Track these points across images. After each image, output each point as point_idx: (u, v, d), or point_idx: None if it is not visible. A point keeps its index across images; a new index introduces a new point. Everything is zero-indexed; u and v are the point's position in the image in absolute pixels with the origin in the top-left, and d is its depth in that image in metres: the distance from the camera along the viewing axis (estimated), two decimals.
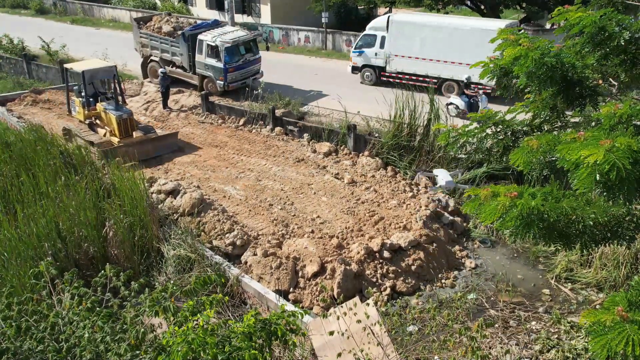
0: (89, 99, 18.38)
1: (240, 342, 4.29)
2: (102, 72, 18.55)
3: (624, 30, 5.91)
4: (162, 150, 17.98)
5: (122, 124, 17.38)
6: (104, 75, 18.75)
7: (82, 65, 19.03)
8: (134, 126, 17.83)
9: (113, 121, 17.42)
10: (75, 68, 18.66)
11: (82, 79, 17.96)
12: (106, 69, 18.49)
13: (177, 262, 11.23)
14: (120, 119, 17.33)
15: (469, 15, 37.06)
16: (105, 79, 19.10)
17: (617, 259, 10.93)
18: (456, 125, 7.01)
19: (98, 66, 18.62)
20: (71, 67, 19.02)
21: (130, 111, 18.15)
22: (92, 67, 18.40)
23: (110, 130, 17.79)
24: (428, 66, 22.25)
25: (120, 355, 4.71)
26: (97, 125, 18.46)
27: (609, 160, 4.09)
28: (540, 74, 6.06)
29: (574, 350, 8.88)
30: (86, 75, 17.92)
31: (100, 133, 18.14)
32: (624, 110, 4.94)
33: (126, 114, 17.64)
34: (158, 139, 18.08)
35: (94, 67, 18.46)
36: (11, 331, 5.10)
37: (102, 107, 17.97)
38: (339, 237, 12.51)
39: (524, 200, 4.65)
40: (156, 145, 17.96)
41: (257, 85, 22.12)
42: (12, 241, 10.28)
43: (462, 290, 11.42)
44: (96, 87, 18.89)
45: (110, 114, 17.55)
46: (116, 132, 17.43)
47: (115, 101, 18.11)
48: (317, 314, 10.03)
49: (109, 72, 18.45)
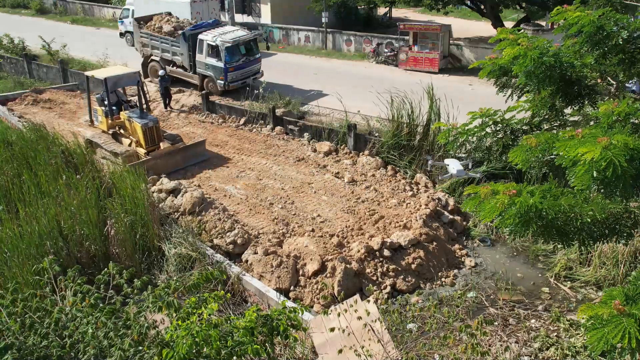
0: (112, 107, 17.22)
1: (242, 337, 4.34)
2: (126, 79, 17.33)
3: (622, 29, 5.97)
4: (191, 161, 16.89)
5: (148, 133, 16.35)
6: (127, 82, 17.61)
7: (104, 72, 17.93)
8: (160, 135, 16.84)
9: (138, 130, 16.38)
10: (97, 75, 17.44)
11: (104, 87, 16.70)
12: (130, 75, 17.31)
13: (178, 260, 11.30)
14: (146, 127, 16.30)
15: (469, 15, 37.15)
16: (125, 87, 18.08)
17: (616, 257, 10.99)
18: (456, 124, 7.07)
19: (121, 72, 17.41)
20: (93, 74, 17.79)
21: (156, 119, 17.11)
22: (114, 73, 17.16)
23: (135, 140, 16.78)
24: None
25: (124, 350, 4.76)
26: (122, 135, 17.42)
27: (606, 157, 4.15)
28: (539, 73, 6.13)
29: (573, 347, 8.94)
30: (109, 83, 16.60)
31: (124, 143, 17.10)
32: (621, 109, 5.00)
33: (152, 122, 16.59)
34: (186, 149, 17.01)
35: (117, 73, 17.21)
36: (16, 327, 5.16)
37: (126, 116, 16.90)
38: (339, 236, 12.56)
39: (522, 198, 4.71)
40: (185, 155, 16.87)
41: (258, 84, 22.17)
42: (14, 239, 10.33)
43: (461, 288, 11.48)
44: (119, 94, 17.88)
45: (135, 123, 16.50)
46: (142, 142, 16.42)
47: (140, 109, 17.00)
48: (317, 311, 10.08)
49: (132, 78, 17.29)
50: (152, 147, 16.53)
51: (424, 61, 26.03)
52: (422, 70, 25.55)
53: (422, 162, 15.64)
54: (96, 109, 17.69)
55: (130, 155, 16.08)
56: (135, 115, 16.76)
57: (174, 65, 24.00)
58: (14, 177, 12.88)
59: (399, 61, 26.94)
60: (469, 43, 27.42)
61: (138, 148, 16.60)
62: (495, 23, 28.77)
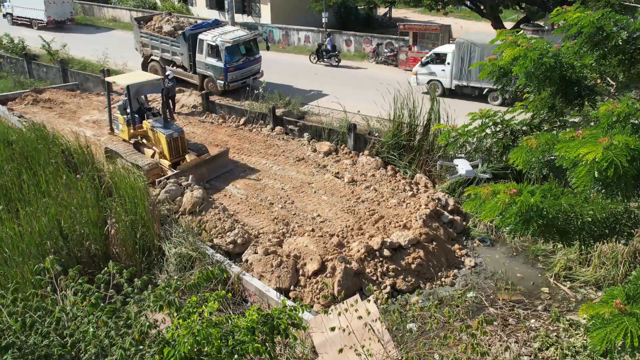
0: (135, 115, 16.30)
1: (243, 336, 4.36)
2: (149, 86, 16.33)
3: (622, 30, 5.98)
4: (216, 172, 16.05)
5: (173, 144, 15.47)
6: (151, 89, 16.68)
7: (126, 78, 16.88)
8: (185, 146, 15.97)
9: (163, 141, 15.47)
10: (119, 81, 16.60)
11: (127, 94, 15.85)
12: (153, 82, 16.31)
13: (178, 260, 11.30)
14: (171, 138, 15.40)
15: (469, 15, 37.17)
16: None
17: (616, 257, 11.01)
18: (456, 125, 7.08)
19: (144, 79, 16.40)
20: (114, 80, 16.89)
21: (181, 129, 16.12)
22: (137, 80, 16.11)
23: (159, 151, 15.89)
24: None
25: (125, 349, 4.77)
26: (144, 144, 16.53)
27: (607, 158, 4.16)
28: (539, 74, 6.14)
29: (573, 347, 8.96)
30: (132, 90, 15.60)
31: (147, 154, 16.24)
32: (621, 109, 5.01)
33: (177, 132, 15.65)
34: (212, 160, 16.13)
35: (140, 80, 16.18)
36: (17, 326, 5.16)
37: (149, 125, 15.94)
38: (339, 236, 12.58)
39: (523, 197, 4.72)
40: (210, 166, 15.99)
41: (258, 84, 22.19)
42: (15, 239, 10.34)
43: (461, 288, 11.49)
44: (141, 102, 16.91)
45: (159, 133, 15.57)
46: (166, 153, 15.53)
47: (164, 118, 16.25)
48: (317, 311, 10.10)
49: (156, 86, 16.36)
50: (177, 159, 15.69)
51: None
52: None
53: (431, 164, 15.58)
54: (117, 117, 16.78)
55: (154, 168, 15.34)
56: (158, 124, 15.90)
57: (173, 65, 24.02)
58: (14, 177, 12.89)
59: (398, 61, 26.97)
60: None
61: (162, 159, 15.76)
62: (495, 23, 28.80)
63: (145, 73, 18.25)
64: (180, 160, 15.79)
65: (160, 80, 16.29)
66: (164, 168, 15.51)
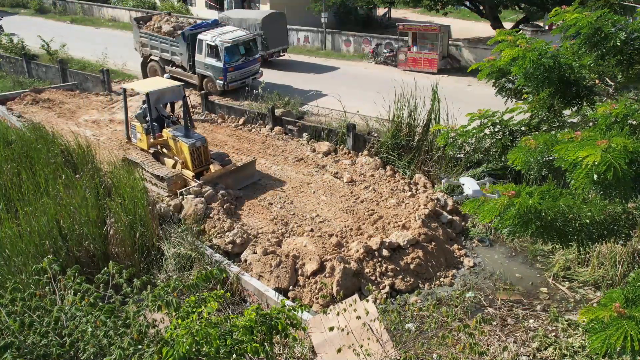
0: (154, 124, 15.52)
1: (241, 336, 4.37)
2: (169, 94, 15.52)
3: (620, 31, 5.99)
4: (242, 183, 15.30)
5: (196, 154, 14.78)
6: (171, 97, 15.85)
7: (145, 85, 16.09)
8: (208, 155, 15.28)
9: (185, 151, 14.76)
10: (137, 88, 16.00)
11: (147, 102, 15.10)
12: (173, 89, 15.45)
13: (177, 260, 11.31)
14: (194, 147, 14.69)
15: (468, 15, 37.20)
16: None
17: (615, 257, 11.01)
18: (454, 125, 7.09)
19: (164, 86, 15.46)
20: (132, 87, 16.34)
21: (204, 137, 15.30)
22: (157, 87, 15.28)
23: (181, 161, 15.19)
24: None
25: (124, 349, 4.78)
26: (164, 154, 15.79)
27: (606, 161, 4.17)
28: (537, 75, 6.15)
29: (571, 347, 8.97)
30: (152, 98, 14.89)
31: (167, 164, 15.51)
32: (619, 110, 5.02)
33: (200, 141, 14.90)
34: (238, 170, 15.40)
35: (160, 87, 15.31)
36: (15, 326, 5.18)
37: (171, 134, 15.19)
38: (338, 236, 12.58)
39: (521, 199, 4.73)
40: (237, 177, 15.26)
41: (257, 84, 22.19)
42: (14, 239, 10.34)
43: (460, 288, 11.50)
44: (159, 109, 16.11)
45: (181, 142, 14.86)
46: (189, 163, 14.81)
47: (185, 126, 15.50)
48: (316, 311, 10.10)
49: (177, 93, 15.57)
50: (200, 169, 15.04)
51: (423, 62, 26.07)
52: (421, 71, 25.57)
53: (430, 164, 15.61)
54: (134, 125, 16.01)
55: (177, 179, 14.71)
56: (180, 133, 15.18)
57: (173, 65, 24.02)
58: (13, 177, 12.88)
59: (398, 62, 26.98)
60: (468, 44, 27.46)
61: (184, 170, 15.06)
62: (494, 24, 28.82)
63: (165, 79, 17.32)
64: (203, 170, 15.15)
65: (181, 87, 15.55)
66: (186, 179, 14.92)
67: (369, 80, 24.19)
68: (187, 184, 14.74)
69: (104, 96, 24.09)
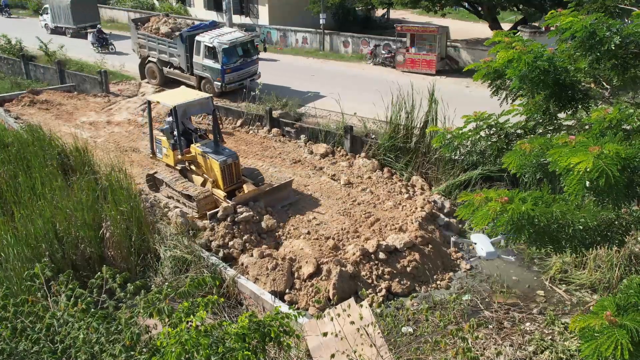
0: (181, 139, 14.55)
1: (233, 344, 4.34)
2: (198, 106, 14.64)
3: (615, 34, 5.96)
4: (277, 204, 14.11)
5: (227, 171, 13.84)
6: (199, 109, 15.11)
7: (171, 97, 14.90)
8: (239, 172, 14.30)
9: (216, 168, 13.81)
10: (163, 101, 14.87)
11: (173, 116, 14.07)
12: (202, 102, 14.49)
13: (173, 263, 11.26)
14: (225, 165, 13.73)
15: (466, 16, 37.20)
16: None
17: (611, 260, 10.99)
18: (451, 127, 7.08)
19: (191, 98, 14.49)
20: (157, 99, 15.27)
21: (235, 154, 14.30)
22: (184, 100, 14.21)
23: (211, 179, 14.21)
24: None
25: (115, 356, 4.76)
26: (192, 171, 14.78)
27: (598, 167, 4.15)
28: (532, 77, 6.13)
29: (568, 351, 8.94)
30: (179, 111, 13.94)
31: (196, 181, 14.52)
32: (613, 115, 5.00)
33: (231, 157, 13.92)
34: (273, 192, 14.25)
35: (187, 100, 14.28)
36: (7, 332, 5.15)
37: (200, 150, 14.19)
38: (335, 239, 12.56)
39: (514, 205, 4.71)
40: (271, 198, 14.08)
41: (255, 86, 22.18)
42: (9, 242, 10.31)
43: (457, 291, 11.48)
44: (185, 122, 15.10)
45: (211, 159, 13.87)
46: (219, 181, 13.86)
47: (215, 141, 14.50)
48: (312, 314, 10.07)
49: (205, 106, 14.65)
50: (232, 187, 14.05)
51: (421, 63, 26.06)
52: (419, 72, 25.57)
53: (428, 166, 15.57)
54: (160, 140, 14.92)
55: (207, 198, 13.79)
56: (209, 149, 14.18)
57: (171, 66, 24.00)
58: (9, 179, 12.85)
59: (396, 63, 26.97)
60: (467, 45, 27.46)
61: (215, 189, 14.09)
62: (492, 25, 28.81)
63: (192, 90, 16.28)
64: (236, 189, 14.17)
65: (210, 100, 14.64)
66: (218, 198, 13.89)
67: (367, 82, 24.17)
68: (217, 204, 13.62)
69: (102, 97, 24.05)
